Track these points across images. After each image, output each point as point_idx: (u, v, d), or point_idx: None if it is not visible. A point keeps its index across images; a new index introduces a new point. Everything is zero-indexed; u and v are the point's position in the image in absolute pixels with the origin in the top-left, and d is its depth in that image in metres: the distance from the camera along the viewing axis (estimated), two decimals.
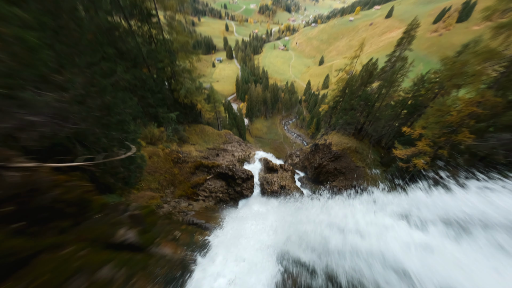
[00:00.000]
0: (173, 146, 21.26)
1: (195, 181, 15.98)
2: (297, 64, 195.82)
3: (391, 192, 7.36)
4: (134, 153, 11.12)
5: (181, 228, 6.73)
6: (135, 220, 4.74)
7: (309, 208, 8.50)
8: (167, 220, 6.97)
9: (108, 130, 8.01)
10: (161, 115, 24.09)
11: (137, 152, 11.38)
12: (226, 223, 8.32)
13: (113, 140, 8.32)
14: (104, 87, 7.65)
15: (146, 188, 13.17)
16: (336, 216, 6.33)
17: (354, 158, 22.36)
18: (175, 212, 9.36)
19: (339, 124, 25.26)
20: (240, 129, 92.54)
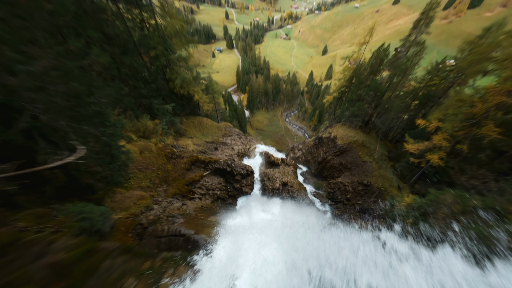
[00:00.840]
0: (168, 139, 20.00)
1: (191, 178, 14.86)
2: (300, 53, 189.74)
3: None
4: (80, 157, 9.95)
5: (144, 268, 4.93)
6: (55, 271, 3.08)
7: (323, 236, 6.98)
8: (125, 256, 4.97)
9: (78, 124, 6.71)
10: (155, 107, 22.66)
11: (122, 148, 10.15)
12: (221, 236, 7.04)
13: (87, 136, 7.03)
14: (69, 71, 6.27)
15: (136, 187, 12.06)
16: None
17: (360, 152, 21.04)
18: (163, 216, 8.26)
19: (345, 116, 23.73)
20: (241, 122, 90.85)
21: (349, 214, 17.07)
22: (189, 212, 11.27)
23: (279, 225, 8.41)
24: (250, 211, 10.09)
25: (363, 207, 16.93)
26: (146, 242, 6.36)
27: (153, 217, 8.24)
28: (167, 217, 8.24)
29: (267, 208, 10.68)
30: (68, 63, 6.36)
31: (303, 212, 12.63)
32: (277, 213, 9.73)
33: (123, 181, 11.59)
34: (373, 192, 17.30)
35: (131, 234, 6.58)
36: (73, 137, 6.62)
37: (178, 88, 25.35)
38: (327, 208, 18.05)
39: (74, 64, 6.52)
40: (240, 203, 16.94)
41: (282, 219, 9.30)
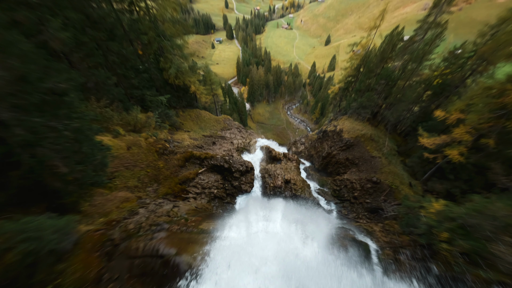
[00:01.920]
0: (162, 134, 18.61)
1: (185, 175, 13.57)
2: (302, 44, 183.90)
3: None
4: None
5: None
6: None
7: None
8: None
9: (28, 115, 5.28)
10: (148, 98, 21.11)
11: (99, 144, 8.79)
12: (210, 259, 5.65)
13: (42, 130, 5.62)
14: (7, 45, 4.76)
15: (122, 187, 10.80)
16: None
17: (369, 147, 19.56)
18: (145, 225, 7.00)
19: (352, 108, 22.07)
20: (241, 115, 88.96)
21: (356, 214, 15.86)
22: (181, 215, 10.04)
23: (283, 245, 6.99)
24: (248, 218, 8.81)
25: (372, 206, 15.68)
26: (115, 264, 5.12)
27: (134, 225, 6.98)
28: (150, 226, 6.99)
29: (267, 214, 9.37)
30: (6, 34, 4.85)
31: (310, 218, 11.29)
32: (279, 222, 8.42)
33: (105, 181, 10.32)
34: (383, 190, 15.98)
35: (98, 253, 5.35)
36: (21, 132, 5.21)
37: (173, 78, 23.65)
38: (333, 207, 16.83)
39: (16, 37, 4.98)
40: (239, 201, 15.76)
41: (286, 232, 7.94)
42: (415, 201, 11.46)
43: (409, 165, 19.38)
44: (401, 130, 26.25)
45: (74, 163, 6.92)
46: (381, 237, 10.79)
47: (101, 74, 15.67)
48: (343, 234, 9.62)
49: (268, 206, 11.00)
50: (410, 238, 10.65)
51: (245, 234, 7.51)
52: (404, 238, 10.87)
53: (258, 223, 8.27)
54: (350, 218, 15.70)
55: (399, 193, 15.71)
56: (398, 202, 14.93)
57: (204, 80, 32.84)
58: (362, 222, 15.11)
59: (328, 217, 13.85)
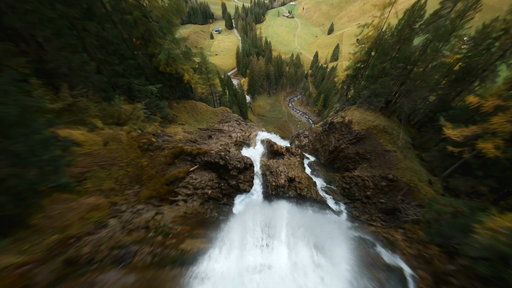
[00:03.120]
0: (151, 127, 16.68)
1: (173, 175, 11.73)
2: (304, 33, 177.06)
3: None
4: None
5: None
6: None
7: None
8: None
9: None
10: (136, 88, 18.99)
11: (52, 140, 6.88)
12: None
13: None
14: None
15: (94, 191, 8.98)
16: None
17: (382, 140, 17.53)
18: (105, 249, 5.22)
19: (363, 96, 19.82)
20: (241, 107, 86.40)
21: (369, 215, 14.08)
22: (164, 224, 8.26)
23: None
24: (244, 237, 7.02)
25: (387, 207, 13.86)
26: None
27: (90, 249, 5.22)
28: (111, 250, 5.22)
29: (268, 231, 7.57)
30: None
31: (322, 230, 9.48)
32: (284, 248, 6.60)
33: (71, 184, 8.51)
34: (400, 189, 14.11)
35: None
36: None
37: (164, 66, 21.40)
38: (342, 207, 15.06)
39: None
40: (237, 202, 14.01)
41: (295, 263, 6.07)
42: (447, 205, 9.57)
43: (426, 160, 17.38)
44: (414, 121, 24.07)
45: (8, 165, 5.02)
46: (405, 248, 8.99)
47: (76, 59, 13.54)
48: (369, 256, 7.78)
49: (269, 214, 9.15)
50: (441, 251, 8.85)
51: (235, 265, 5.64)
52: (432, 249, 9.08)
53: (255, 249, 6.41)
54: (362, 220, 13.95)
55: (419, 192, 13.83)
56: (419, 203, 13.08)
57: (199, 68, 30.47)
58: (376, 224, 13.37)
59: (344, 228, 12.00)
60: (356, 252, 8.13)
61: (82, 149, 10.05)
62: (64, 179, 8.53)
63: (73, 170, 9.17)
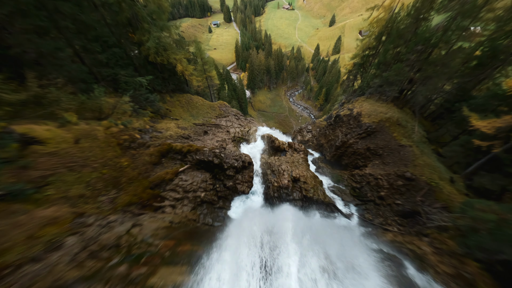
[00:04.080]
0: (138, 122, 14.99)
1: (159, 176, 10.10)
2: (304, 25, 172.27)
3: None
4: None
5: None
6: None
7: None
8: None
9: None
10: (123, 79, 17.20)
11: None
12: None
13: None
14: None
15: (57, 198, 7.39)
16: None
17: (396, 133, 15.76)
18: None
19: (373, 85, 17.94)
20: (241, 102, 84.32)
21: (384, 219, 12.47)
22: (142, 239, 6.71)
23: None
24: (238, 263, 5.53)
25: (405, 210, 12.23)
26: None
27: None
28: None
29: (270, 243, 6.11)
30: None
31: (336, 242, 8.03)
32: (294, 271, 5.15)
33: (27, 191, 6.92)
34: (420, 189, 12.43)
35: None
36: None
37: (153, 55, 19.52)
38: (353, 209, 13.45)
39: None
40: (235, 206, 12.43)
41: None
42: (486, 210, 7.88)
43: (446, 155, 15.64)
44: (428, 113, 22.19)
45: None
46: (438, 265, 7.38)
47: (47, 44, 11.76)
48: (395, 276, 6.18)
49: (271, 222, 7.61)
50: (481, 267, 7.23)
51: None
52: (470, 265, 7.46)
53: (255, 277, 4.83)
54: (376, 225, 12.36)
55: (441, 192, 12.15)
56: (443, 205, 11.42)
57: (194, 59, 28.48)
58: (392, 229, 11.78)
59: (358, 237, 10.43)
60: (379, 271, 6.56)
61: (46, 148, 8.40)
62: (17, 185, 6.94)
63: (32, 174, 7.55)
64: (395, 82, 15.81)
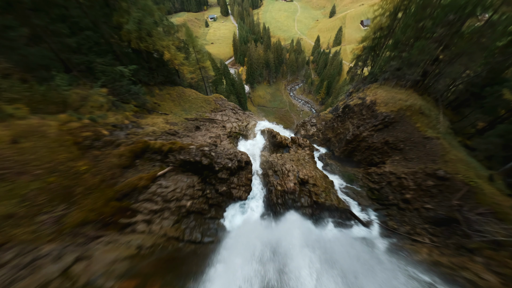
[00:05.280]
0: (113, 117, 12.69)
1: (129, 183, 7.87)
2: (304, 17, 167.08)
3: None
4: None
5: None
6: None
7: None
8: None
9: None
10: (99, 68, 14.83)
11: None
12: None
13: None
14: None
15: None
16: None
17: (419, 124, 13.40)
18: None
19: (389, 69, 15.48)
20: (240, 97, 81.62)
21: (411, 227, 10.26)
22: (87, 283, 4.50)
23: None
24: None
25: (438, 216, 10.00)
26: None
27: None
28: None
29: (275, 265, 4.21)
30: None
31: (357, 263, 6.04)
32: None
33: None
34: (456, 190, 10.17)
35: None
36: None
37: (135, 41, 17.07)
38: (372, 215, 11.23)
39: None
40: (230, 215, 10.25)
41: None
42: None
43: (480, 148, 13.30)
44: (447, 101, 19.71)
45: None
46: None
47: None
48: None
49: (274, 237, 5.67)
50: None
51: None
52: None
53: None
54: (402, 234, 10.16)
55: (483, 194, 9.89)
56: (488, 210, 9.17)
57: (185, 48, 25.89)
58: (423, 240, 9.58)
59: (383, 254, 8.32)
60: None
61: None
62: None
63: None
64: (418, 63, 13.36)
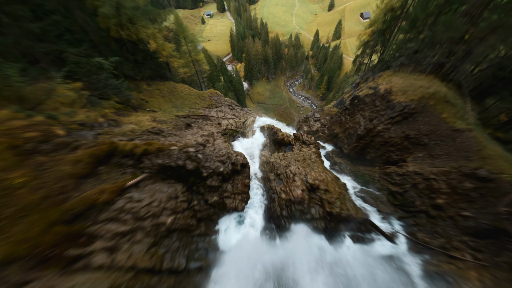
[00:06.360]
0: (83, 114, 10.72)
1: (85, 199, 5.95)
2: (302, 11, 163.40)
3: None
4: None
5: None
6: None
7: None
8: None
9: None
10: (72, 59, 12.84)
11: None
12: None
13: None
14: None
15: None
16: None
17: (445, 114, 11.42)
18: None
19: (405, 53, 13.43)
20: (239, 94, 79.39)
21: (447, 239, 8.35)
22: None
23: None
24: None
25: (479, 227, 8.07)
26: None
27: None
28: None
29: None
30: None
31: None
32: None
33: None
34: (503, 193, 8.22)
35: None
36: None
37: (115, 28, 14.99)
38: (396, 225, 9.30)
39: None
40: (223, 229, 8.34)
41: None
42: None
43: None
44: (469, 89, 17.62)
45: None
46: None
47: None
48: None
49: (281, 262, 4.33)
50: None
51: None
52: None
53: None
54: (435, 249, 8.24)
55: None
56: None
57: (176, 39, 23.74)
58: (462, 257, 7.69)
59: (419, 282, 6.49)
60: None
61: None
62: None
63: None
64: (443, 42, 11.30)
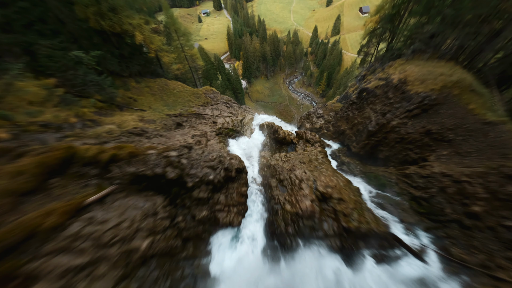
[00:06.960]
0: (50, 114, 9.21)
1: (21, 225, 4.39)
2: (300, 8, 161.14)
3: None
4: None
5: None
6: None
7: None
8: None
9: None
10: (43, 52, 11.32)
11: None
12: None
13: None
14: None
15: None
16: None
17: (473, 105, 9.90)
18: None
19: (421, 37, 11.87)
20: (237, 93, 77.75)
21: (488, 255, 6.85)
22: None
23: None
24: None
25: None
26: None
27: None
28: None
29: None
30: None
31: None
32: None
33: None
34: None
35: None
36: None
37: (94, 18, 13.42)
38: (424, 239, 7.79)
39: None
40: (216, 249, 6.84)
41: None
42: None
43: None
44: None
45: None
46: None
47: None
48: None
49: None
50: None
51: None
52: None
53: None
54: (474, 269, 6.74)
55: None
56: None
57: (167, 33, 22.11)
58: (508, 278, 6.18)
59: None
60: None
61: None
62: None
63: None
64: (471, 23, 9.74)
